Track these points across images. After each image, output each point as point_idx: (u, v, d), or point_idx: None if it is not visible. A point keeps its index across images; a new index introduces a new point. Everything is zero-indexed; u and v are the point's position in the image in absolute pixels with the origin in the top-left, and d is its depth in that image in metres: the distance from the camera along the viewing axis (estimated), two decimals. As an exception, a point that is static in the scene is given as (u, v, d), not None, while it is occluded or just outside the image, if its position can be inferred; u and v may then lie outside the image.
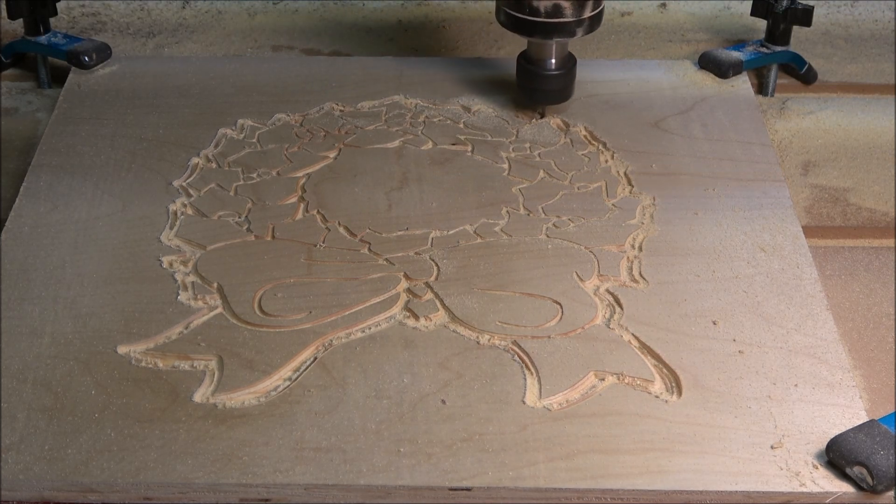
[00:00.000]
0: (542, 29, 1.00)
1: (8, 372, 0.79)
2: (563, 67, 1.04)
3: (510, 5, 1.00)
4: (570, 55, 1.04)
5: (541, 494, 0.72)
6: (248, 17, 1.27)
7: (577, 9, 0.99)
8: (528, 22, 1.00)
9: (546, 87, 1.04)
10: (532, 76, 1.03)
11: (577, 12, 0.99)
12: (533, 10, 0.99)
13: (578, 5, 0.99)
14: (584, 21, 1.00)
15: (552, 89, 1.04)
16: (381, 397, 0.78)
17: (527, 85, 1.04)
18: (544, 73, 1.03)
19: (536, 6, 0.98)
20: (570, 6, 0.98)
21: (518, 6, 0.99)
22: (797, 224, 0.94)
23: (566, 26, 0.99)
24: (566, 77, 1.04)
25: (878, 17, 1.29)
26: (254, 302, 0.85)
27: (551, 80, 1.03)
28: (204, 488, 0.72)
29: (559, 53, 1.03)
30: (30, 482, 0.72)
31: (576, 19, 0.99)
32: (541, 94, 1.05)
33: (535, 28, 1.00)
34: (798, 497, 0.72)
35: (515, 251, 0.90)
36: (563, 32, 1.00)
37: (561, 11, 0.99)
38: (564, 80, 1.04)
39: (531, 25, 1.00)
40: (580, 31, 1.00)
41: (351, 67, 1.14)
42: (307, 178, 0.98)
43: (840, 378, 0.80)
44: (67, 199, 0.95)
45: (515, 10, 1.00)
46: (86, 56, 1.12)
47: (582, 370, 0.80)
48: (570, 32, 1.00)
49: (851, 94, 1.19)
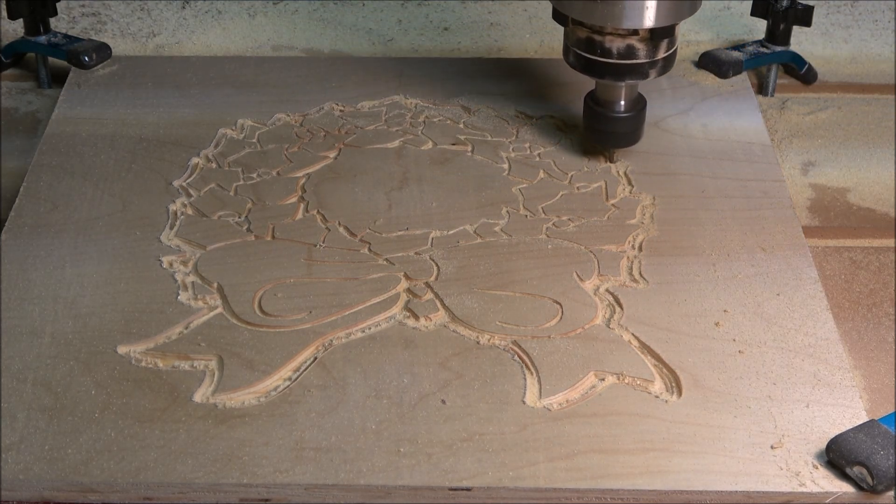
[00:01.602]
0: (613, 71, 0.94)
1: (8, 372, 0.79)
2: (633, 109, 0.98)
3: (580, 46, 0.95)
4: (640, 96, 0.99)
5: (541, 494, 0.72)
6: (248, 17, 1.27)
7: (650, 49, 0.93)
8: (599, 63, 0.94)
9: (616, 130, 0.98)
10: (600, 118, 0.98)
11: (651, 53, 0.93)
12: (605, 51, 0.93)
13: (652, 46, 0.93)
14: (657, 62, 0.94)
15: (622, 132, 0.98)
16: (381, 397, 0.78)
17: (595, 127, 0.99)
18: (613, 115, 0.98)
19: (609, 47, 0.93)
20: (643, 47, 0.93)
21: (589, 47, 0.94)
22: (797, 224, 0.94)
23: (639, 68, 0.94)
24: (636, 119, 0.98)
25: (878, 17, 1.28)
26: (254, 302, 0.85)
27: (621, 122, 0.98)
28: (204, 488, 0.72)
29: (629, 95, 0.98)
30: (30, 482, 0.72)
31: (649, 60, 0.94)
32: (610, 136, 0.99)
33: (607, 70, 0.94)
34: (798, 497, 0.72)
35: (515, 251, 0.90)
36: (635, 74, 0.95)
37: (634, 52, 0.93)
38: (634, 123, 0.99)
39: (602, 67, 0.94)
40: (653, 72, 0.95)
41: (351, 67, 1.14)
42: (307, 178, 0.98)
43: (840, 378, 0.80)
44: (67, 199, 0.95)
45: (586, 52, 0.94)
46: (86, 56, 1.12)
47: (582, 370, 0.80)
48: (644, 74, 0.95)
49: (851, 94, 1.19)
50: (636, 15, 0.90)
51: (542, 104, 1.08)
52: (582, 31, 0.94)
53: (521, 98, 1.09)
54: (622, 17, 0.91)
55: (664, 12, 0.91)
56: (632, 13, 0.90)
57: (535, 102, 1.09)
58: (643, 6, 0.90)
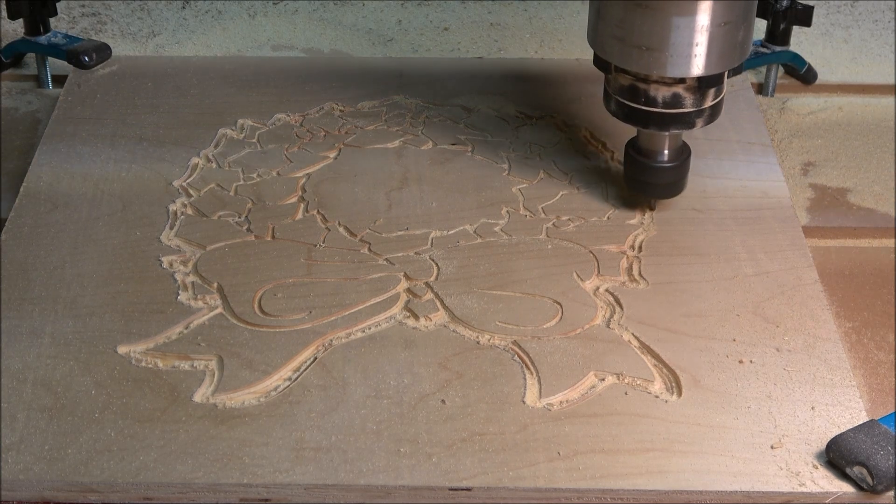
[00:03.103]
0: (658, 120, 0.89)
1: (8, 372, 0.79)
2: (677, 159, 0.92)
3: (624, 94, 0.89)
4: (684, 144, 0.93)
5: (541, 494, 0.72)
6: (248, 17, 1.27)
7: (698, 98, 0.88)
8: (642, 112, 0.89)
9: (658, 181, 0.92)
10: (643, 169, 0.92)
11: (699, 101, 0.88)
12: (650, 99, 0.88)
13: (700, 94, 0.88)
14: (704, 111, 0.89)
15: (666, 183, 0.93)
16: (381, 397, 0.78)
17: (637, 178, 0.93)
18: (657, 165, 0.92)
19: (654, 96, 0.88)
20: (690, 95, 0.87)
21: (633, 95, 0.88)
22: (797, 224, 0.94)
23: (685, 117, 0.88)
24: (681, 169, 0.93)
25: (878, 17, 1.28)
26: (254, 302, 0.85)
27: (665, 172, 0.92)
28: (204, 488, 0.72)
29: (673, 144, 0.92)
30: (30, 482, 0.72)
31: (696, 109, 0.88)
32: (654, 188, 0.93)
33: (651, 119, 0.89)
34: (798, 497, 0.72)
35: (515, 251, 0.90)
36: (681, 124, 0.89)
37: (681, 101, 0.87)
38: (678, 173, 0.93)
39: (646, 116, 0.89)
40: (700, 121, 0.89)
41: (351, 67, 1.14)
42: (307, 178, 0.98)
43: (840, 378, 0.80)
44: (67, 199, 0.95)
45: (630, 100, 0.89)
46: (86, 56, 1.12)
47: (582, 370, 0.80)
48: (690, 124, 0.89)
49: (851, 94, 1.19)
50: (683, 63, 0.85)
51: (542, 104, 1.08)
52: (625, 79, 0.89)
53: (521, 98, 1.09)
54: (668, 66, 0.85)
55: (712, 60, 0.86)
56: (678, 61, 0.85)
57: (535, 102, 1.09)
58: (691, 54, 0.85)
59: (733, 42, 0.86)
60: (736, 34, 0.85)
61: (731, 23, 0.84)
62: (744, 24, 0.85)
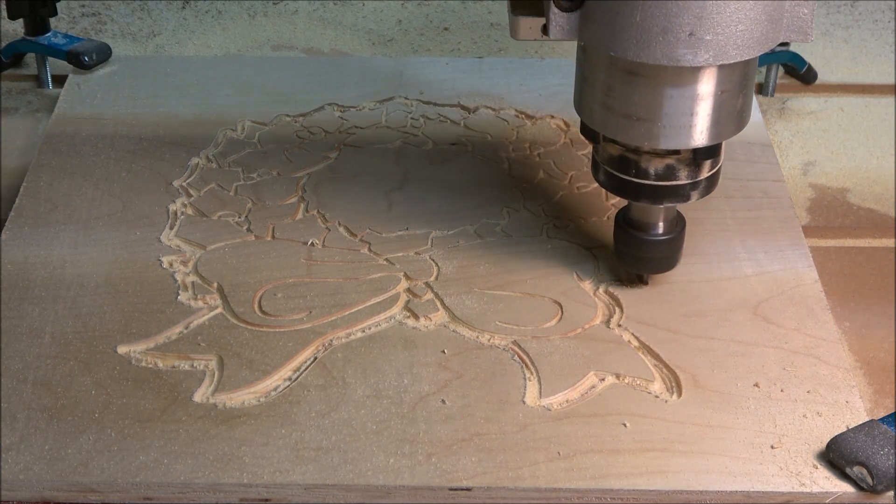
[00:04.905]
0: (650, 193, 0.81)
1: (8, 372, 0.79)
2: (671, 231, 0.85)
3: (613, 165, 0.82)
4: (679, 214, 0.86)
5: (541, 494, 0.72)
6: (248, 17, 1.27)
7: (692, 170, 0.81)
8: (633, 185, 0.81)
9: (653, 256, 0.85)
10: (636, 243, 0.85)
11: (694, 174, 0.81)
12: (641, 171, 0.81)
13: (695, 166, 0.81)
14: (700, 183, 0.81)
15: (660, 257, 0.86)
16: (381, 397, 0.78)
17: (628, 252, 0.86)
18: (650, 238, 0.84)
19: (646, 168, 0.80)
20: (684, 167, 0.80)
21: (623, 167, 0.81)
22: (797, 224, 0.94)
23: (679, 190, 0.81)
24: (675, 242, 0.85)
25: (878, 17, 1.29)
26: (254, 302, 0.85)
27: (659, 246, 0.85)
28: (204, 488, 0.72)
29: (668, 216, 0.85)
30: (30, 482, 0.72)
31: (691, 181, 0.81)
32: (646, 262, 0.86)
33: (642, 192, 0.81)
34: (798, 497, 0.72)
35: (515, 251, 0.90)
36: (675, 197, 0.82)
37: (674, 173, 0.80)
38: (673, 246, 0.85)
39: (637, 189, 0.81)
40: (695, 194, 0.82)
41: (351, 67, 1.14)
42: (307, 178, 0.98)
43: (840, 378, 0.80)
44: (67, 199, 0.95)
45: (620, 171, 0.81)
46: (86, 56, 1.12)
47: (582, 370, 0.80)
48: (684, 197, 0.82)
49: (851, 94, 1.19)
50: (677, 134, 0.78)
51: (542, 104, 1.08)
52: (615, 149, 0.81)
53: (521, 98, 1.09)
54: (661, 137, 0.78)
55: (709, 131, 0.78)
56: (672, 132, 0.78)
57: (535, 102, 1.09)
58: (684, 125, 0.78)
59: (731, 111, 0.78)
60: (734, 103, 0.78)
61: (729, 91, 0.77)
62: (742, 92, 0.78)
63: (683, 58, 0.73)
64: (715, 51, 0.73)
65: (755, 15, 0.72)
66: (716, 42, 0.72)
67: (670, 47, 0.73)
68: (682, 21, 0.72)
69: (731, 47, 0.73)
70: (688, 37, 0.72)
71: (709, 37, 0.72)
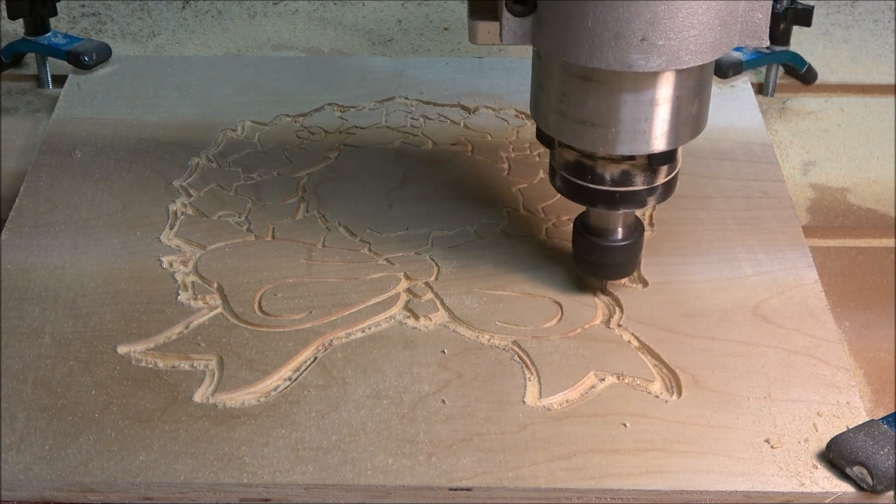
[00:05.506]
0: (606, 199, 0.81)
1: (8, 372, 0.79)
2: (630, 236, 0.84)
3: (569, 170, 0.81)
4: (637, 221, 0.85)
5: (541, 494, 0.72)
6: (248, 17, 1.27)
7: (648, 175, 0.80)
8: (590, 190, 0.81)
9: (608, 262, 0.85)
10: (594, 249, 0.84)
11: (649, 179, 0.80)
12: (597, 177, 0.80)
13: (651, 172, 0.80)
14: (656, 189, 0.81)
15: (618, 263, 0.85)
16: (381, 397, 0.78)
17: (587, 258, 0.85)
18: (609, 244, 0.84)
19: (601, 174, 0.80)
20: (640, 173, 0.80)
21: (578, 172, 0.80)
22: (797, 224, 0.94)
23: (636, 196, 0.81)
24: (634, 247, 0.85)
25: (878, 17, 1.29)
26: (254, 302, 0.85)
27: (617, 252, 0.84)
28: (204, 488, 0.72)
29: (626, 221, 0.84)
30: (30, 482, 0.72)
31: (647, 187, 0.80)
32: (605, 268, 0.85)
33: (598, 197, 0.81)
34: (798, 497, 0.72)
35: (515, 251, 0.90)
36: (631, 203, 0.81)
37: (630, 179, 0.80)
38: (632, 251, 0.85)
39: (593, 194, 0.81)
40: (652, 199, 0.81)
41: (351, 67, 1.14)
42: (307, 178, 0.98)
43: (840, 378, 0.80)
44: (67, 199, 0.95)
45: (575, 177, 0.81)
46: (86, 56, 1.12)
47: (582, 370, 0.80)
48: (641, 202, 0.81)
49: (851, 94, 1.19)
50: (632, 140, 0.77)
51: (542, 104, 1.08)
52: (571, 154, 0.80)
53: (521, 98, 1.09)
54: (616, 143, 0.77)
55: (664, 137, 0.78)
56: (627, 138, 0.77)
57: (535, 102, 1.09)
58: (639, 130, 0.77)
59: (687, 116, 0.77)
60: (690, 108, 0.77)
61: (684, 96, 0.76)
62: (697, 97, 0.77)
63: (636, 63, 0.72)
64: (668, 56, 0.72)
65: (708, 20, 0.71)
66: (668, 47, 0.72)
67: (623, 52, 0.72)
68: (634, 26, 0.71)
69: (684, 52, 0.72)
70: (640, 42, 0.71)
71: (661, 42, 0.71)
